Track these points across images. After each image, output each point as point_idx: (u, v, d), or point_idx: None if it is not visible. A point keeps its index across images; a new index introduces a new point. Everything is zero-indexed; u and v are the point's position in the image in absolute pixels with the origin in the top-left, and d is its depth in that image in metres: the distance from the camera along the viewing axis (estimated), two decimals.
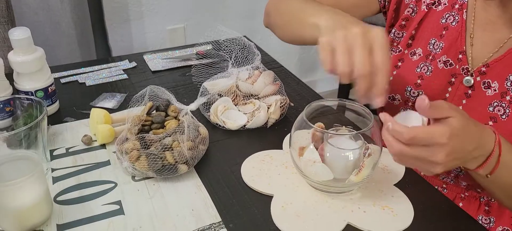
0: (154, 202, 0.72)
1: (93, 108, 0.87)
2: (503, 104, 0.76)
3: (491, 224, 0.83)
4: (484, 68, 0.77)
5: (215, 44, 0.99)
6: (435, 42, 0.83)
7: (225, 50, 0.95)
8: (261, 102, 0.92)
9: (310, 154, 0.69)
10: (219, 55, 0.98)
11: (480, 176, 0.69)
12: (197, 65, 1.01)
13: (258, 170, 0.78)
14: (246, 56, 0.94)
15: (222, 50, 0.96)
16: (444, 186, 0.87)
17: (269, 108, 0.91)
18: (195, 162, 0.78)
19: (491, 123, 0.76)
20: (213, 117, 0.90)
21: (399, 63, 0.87)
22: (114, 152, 0.81)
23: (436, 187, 0.80)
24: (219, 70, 0.97)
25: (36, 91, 0.90)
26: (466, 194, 0.85)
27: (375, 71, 0.63)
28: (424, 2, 0.84)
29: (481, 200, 0.84)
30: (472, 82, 0.78)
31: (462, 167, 0.68)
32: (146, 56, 1.20)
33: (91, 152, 0.83)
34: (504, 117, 0.76)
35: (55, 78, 0.96)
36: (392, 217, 0.68)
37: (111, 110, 0.94)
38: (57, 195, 0.73)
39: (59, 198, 0.72)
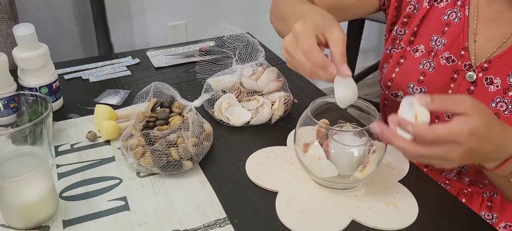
0: (159, 198, 0.72)
1: (98, 105, 0.87)
2: (506, 100, 0.76)
3: (494, 220, 0.83)
4: (486, 64, 0.78)
5: (218, 41, 0.99)
6: (437, 39, 0.83)
7: (229, 47, 0.95)
8: (265, 98, 0.92)
9: (314, 150, 0.69)
10: (222, 52, 0.98)
11: (497, 177, 0.68)
12: (201, 62, 1.01)
13: (262, 166, 0.78)
14: (250, 53, 0.94)
15: (225, 47, 0.96)
16: (447, 182, 0.87)
17: (273, 104, 0.91)
18: (200, 158, 0.79)
19: None
20: (217, 113, 0.90)
21: (402, 60, 0.87)
22: (118, 148, 0.81)
23: (439, 183, 0.80)
24: (223, 67, 0.97)
25: (40, 88, 0.90)
26: (469, 190, 0.85)
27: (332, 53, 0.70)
28: None
29: (484, 195, 0.84)
30: (474, 78, 0.78)
31: (478, 165, 0.68)
32: (149, 53, 1.20)
33: (95, 148, 0.83)
34: (506, 112, 0.76)
35: (58, 74, 0.96)
36: (396, 213, 0.69)
37: (115, 107, 0.94)
38: (63, 191, 0.73)
39: (64, 194, 0.73)
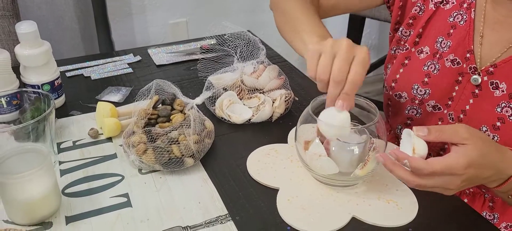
0: (161, 195, 0.73)
1: (99, 102, 0.88)
2: (511, 106, 0.75)
3: (495, 220, 0.83)
4: (492, 69, 0.77)
5: (219, 39, 0.99)
6: (442, 41, 0.83)
7: (230, 46, 0.96)
8: (266, 96, 0.92)
9: (315, 148, 0.69)
10: (223, 50, 0.98)
11: (501, 193, 0.70)
12: (203, 60, 1.01)
13: (263, 164, 0.78)
14: (251, 51, 0.94)
15: (226, 45, 0.97)
16: None
17: (274, 102, 0.91)
18: (201, 156, 0.79)
19: (499, 123, 0.76)
20: (218, 110, 0.90)
21: (406, 61, 0.87)
22: (120, 145, 0.82)
23: None
24: (224, 65, 0.97)
25: (42, 85, 0.91)
26: (471, 190, 0.85)
27: (348, 80, 0.66)
28: (431, 0, 0.84)
29: (486, 196, 0.84)
30: (479, 81, 0.78)
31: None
32: (150, 50, 1.21)
33: (97, 145, 0.84)
34: (511, 118, 0.76)
35: (60, 72, 0.96)
36: (397, 210, 0.69)
37: (117, 104, 0.95)
38: (65, 187, 0.74)
39: (67, 191, 0.73)
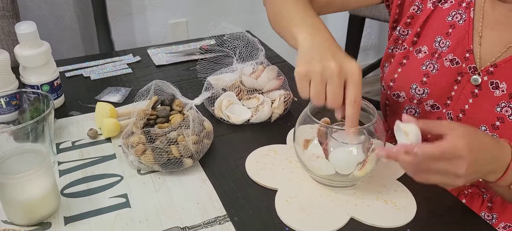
0: (159, 195, 0.73)
1: (99, 102, 0.88)
2: (511, 106, 0.75)
3: (494, 220, 0.83)
4: (492, 68, 0.77)
5: (219, 40, 0.99)
6: (441, 40, 0.82)
7: (229, 47, 0.96)
8: (265, 97, 0.92)
9: (313, 149, 0.70)
10: (223, 51, 0.98)
11: (502, 188, 0.70)
12: (202, 61, 1.01)
13: (262, 164, 0.79)
14: (250, 52, 0.94)
15: (225, 46, 0.97)
16: None
17: (273, 103, 0.91)
18: (200, 156, 0.79)
19: (498, 123, 0.76)
20: (217, 111, 0.91)
21: (404, 61, 0.87)
22: (119, 146, 0.82)
23: None
24: (223, 66, 0.97)
25: (42, 85, 0.91)
26: (469, 190, 0.85)
27: (347, 103, 0.68)
28: None
29: (484, 196, 0.84)
30: (479, 81, 0.78)
31: (482, 180, 0.70)
32: (150, 51, 1.21)
33: (97, 145, 0.84)
34: (511, 117, 0.76)
35: (59, 72, 0.96)
36: (395, 211, 0.69)
37: (116, 104, 0.95)
38: (64, 187, 0.74)
39: (66, 191, 0.73)
